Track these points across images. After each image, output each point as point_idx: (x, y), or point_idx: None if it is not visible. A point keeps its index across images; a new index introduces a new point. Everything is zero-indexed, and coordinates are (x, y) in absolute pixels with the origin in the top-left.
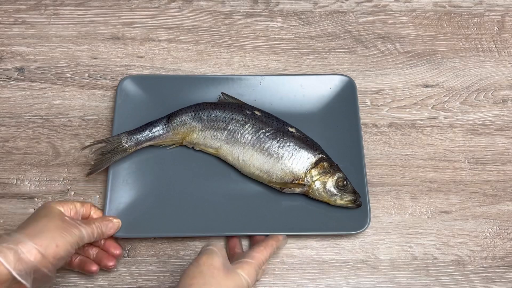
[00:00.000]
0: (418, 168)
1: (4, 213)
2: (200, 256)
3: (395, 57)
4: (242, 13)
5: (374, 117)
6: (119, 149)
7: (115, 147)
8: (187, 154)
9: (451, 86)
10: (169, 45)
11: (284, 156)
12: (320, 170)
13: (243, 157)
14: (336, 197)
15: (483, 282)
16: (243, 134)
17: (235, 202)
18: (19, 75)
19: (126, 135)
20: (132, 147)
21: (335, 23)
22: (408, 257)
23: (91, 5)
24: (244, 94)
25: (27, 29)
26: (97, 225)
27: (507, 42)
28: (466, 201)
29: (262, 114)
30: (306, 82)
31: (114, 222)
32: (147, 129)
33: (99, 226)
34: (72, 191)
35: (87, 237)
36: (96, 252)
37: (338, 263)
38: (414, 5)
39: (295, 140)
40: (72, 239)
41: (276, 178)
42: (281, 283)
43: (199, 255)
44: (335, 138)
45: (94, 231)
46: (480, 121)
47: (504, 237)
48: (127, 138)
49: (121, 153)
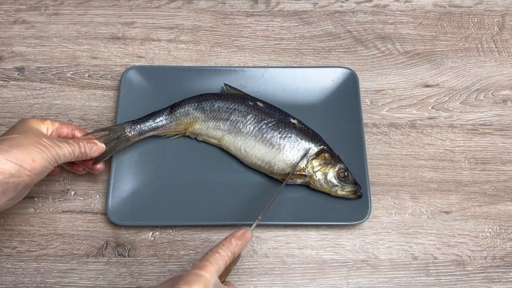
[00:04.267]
0: (418, 168)
1: (4, 213)
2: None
3: (395, 57)
4: (242, 13)
5: (374, 117)
6: (123, 138)
7: (118, 136)
8: (189, 144)
9: (451, 86)
10: (169, 45)
11: (286, 146)
12: (321, 161)
13: (245, 148)
14: (337, 188)
15: (483, 282)
16: (246, 124)
17: (237, 192)
18: (19, 75)
19: (129, 124)
20: (135, 136)
21: (335, 23)
22: (408, 257)
23: (91, 5)
24: (247, 86)
25: (27, 29)
26: (80, 145)
27: (507, 42)
28: (466, 201)
29: (265, 105)
30: (308, 74)
31: (98, 145)
32: (151, 119)
33: (82, 146)
34: (72, 191)
35: (67, 155)
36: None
37: (338, 263)
38: (414, 5)
39: (296, 131)
40: (49, 155)
41: (277, 168)
42: (281, 283)
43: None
44: (336, 129)
45: (75, 149)
46: (480, 121)
47: (504, 237)
48: (131, 128)
49: (125, 142)
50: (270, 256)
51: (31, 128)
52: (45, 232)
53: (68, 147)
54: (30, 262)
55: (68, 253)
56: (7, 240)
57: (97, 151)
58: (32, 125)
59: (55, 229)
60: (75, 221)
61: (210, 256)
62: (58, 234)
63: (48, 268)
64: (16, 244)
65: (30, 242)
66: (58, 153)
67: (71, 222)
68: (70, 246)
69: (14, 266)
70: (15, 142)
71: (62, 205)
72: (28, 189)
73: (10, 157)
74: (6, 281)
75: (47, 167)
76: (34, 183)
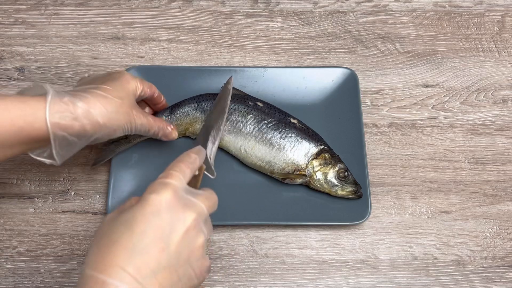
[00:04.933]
0: (418, 168)
1: (4, 213)
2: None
3: (395, 57)
4: (242, 13)
5: (374, 117)
6: (123, 140)
7: (118, 138)
8: (190, 145)
9: (451, 86)
10: (169, 45)
11: (286, 147)
12: (321, 161)
13: (245, 148)
14: (337, 188)
15: (483, 282)
16: (246, 125)
17: (236, 192)
18: (19, 75)
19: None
20: (135, 138)
21: (335, 23)
22: (408, 257)
23: (91, 5)
24: (247, 86)
25: (27, 29)
26: (158, 126)
27: (507, 42)
28: (466, 201)
29: (265, 105)
30: (308, 74)
31: (173, 134)
32: None
33: (158, 127)
34: (72, 191)
35: (142, 129)
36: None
37: (338, 263)
38: (414, 5)
39: (297, 131)
40: (129, 127)
41: (277, 168)
42: (281, 283)
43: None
44: (336, 129)
45: (152, 128)
46: (480, 121)
47: (504, 237)
48: None
49: (125, 144)
50: (270, 256)
51: (130, 87)
52: (45, 232)
53: (147, 124)
54: (30, 262)
55: (68, 253)
56: (7, 240)
57: (168, 137)
58: (132, 83)
59: (55, 229)
60: (75, 221)
61: (172, 167)
62: (58, 234)
63: (48, 268)
64: (16, 244)
65: (30, 242)
66: (136, 126)
67: (71, 222)
68: (70, 246)
69: (14, 266)
70: (112, 102)
71: (62, 205)
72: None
73: (103, 113)
74: (6, 281)
75: (117, 132)
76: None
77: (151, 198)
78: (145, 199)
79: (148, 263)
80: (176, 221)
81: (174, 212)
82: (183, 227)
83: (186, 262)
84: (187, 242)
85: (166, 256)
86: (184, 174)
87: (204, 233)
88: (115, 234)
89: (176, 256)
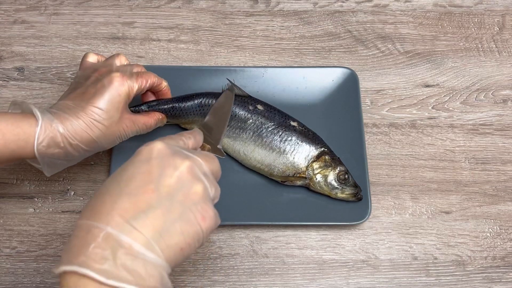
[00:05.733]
0: (419, 168)
1: (4, 213)
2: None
3: (395, 57)
4: (242, 13)
5: (374, 117)
6: None
7: None
8: None
9: (452, 86)
10: (169, 45)
11: (286, 150)
12: (321, 163)
13: (244, 151)
14: (337, 191)
15: (483, 282)
16: (245, 130)
17: (237, 192)
18: (19, 75)
19: None
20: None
21: (335, 22)
22: (408, 257)
23: (91, 5)
24: (247, 86)
25: (27, 29)
26: (151, 126)
27: (508, 42)
28: (467, 201)
29: (265, 108)
30: (308, 74)
31: (164, 120)
32: None
33: (153, 125)
34: (72, 191)
35: (135, 134)
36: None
37: (338, 263)
38: (414, 5)
39: (297, 134)
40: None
41: (277, 171)
42: (281, 283)
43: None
44: (336, 129)
45: (146, 131)
46: (481, 121)
47: (504, 237)
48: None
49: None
50: (270, 256)
51: (118, 99)
52: (45, 232)
53: (139, 131)
54: (30, 262)
55: None
56: (6, 240)
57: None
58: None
59: (55, 229)
60: (75, 221)
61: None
62: (58, 234)
63: (48, 268)
64: (16, 244)
65: (30, 242)
66: (127, 136)
67: (71, 222)
68: None
69: (14, 266)
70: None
71: (62, 205)
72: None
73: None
74: (6, 281)
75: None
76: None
77: (142, 149)
78: (136, 152)
79: (136, 204)
80: (166, 166)
81: (165, 159)
82: (174, 171)
83: (181, 204)
84: (180, 185)
85: (156, 197)
86: (176, 142)
87: (204, 183)
88: (105, 187)
89: (169, 198)
